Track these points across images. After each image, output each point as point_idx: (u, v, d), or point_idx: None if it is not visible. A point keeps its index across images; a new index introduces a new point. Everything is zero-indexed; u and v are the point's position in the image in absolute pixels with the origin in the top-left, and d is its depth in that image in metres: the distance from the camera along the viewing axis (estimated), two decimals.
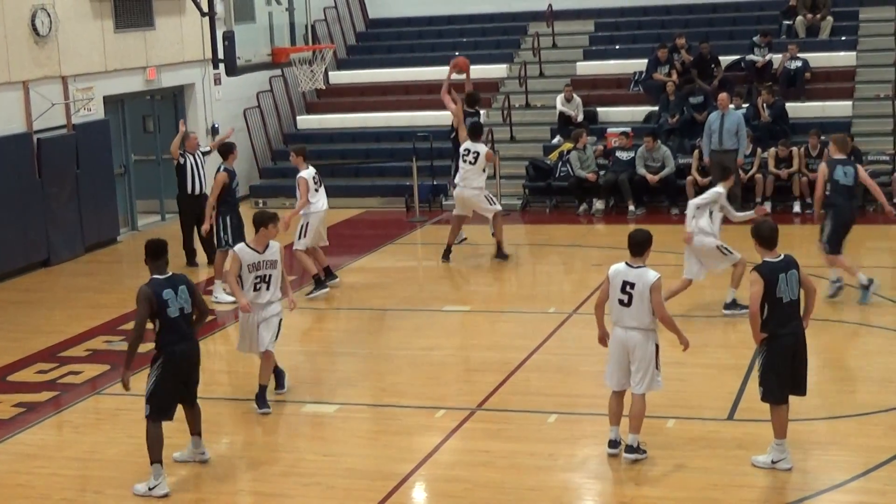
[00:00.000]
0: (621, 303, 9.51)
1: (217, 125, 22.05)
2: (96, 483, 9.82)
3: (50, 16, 18.12)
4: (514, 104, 22.93)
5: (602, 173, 20.33)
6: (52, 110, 18.19)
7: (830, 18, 23.37)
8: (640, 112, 22.58)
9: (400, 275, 16.93)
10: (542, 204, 20.98)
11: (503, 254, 17.08)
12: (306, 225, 15.24)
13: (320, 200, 15.34)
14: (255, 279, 10.88)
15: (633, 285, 9.44)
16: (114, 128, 19.93)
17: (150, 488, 9.30)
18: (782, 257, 9.31)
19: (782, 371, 9.23)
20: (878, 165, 19.65)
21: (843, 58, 22.77)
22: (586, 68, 24.03)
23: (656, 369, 9.58)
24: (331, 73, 24.57)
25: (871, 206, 18.87)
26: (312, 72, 18.72)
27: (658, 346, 9.59)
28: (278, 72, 23.22)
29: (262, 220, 11.00)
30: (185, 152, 17.28)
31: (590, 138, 20.95)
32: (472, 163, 16.75)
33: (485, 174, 16.97)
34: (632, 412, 9.63)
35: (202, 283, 16.24)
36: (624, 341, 9.58)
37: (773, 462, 9.30)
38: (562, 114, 22.19)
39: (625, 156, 20.28)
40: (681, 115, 21.45)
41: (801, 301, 9.36)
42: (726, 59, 22.68)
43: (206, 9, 17.61)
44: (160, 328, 9.35)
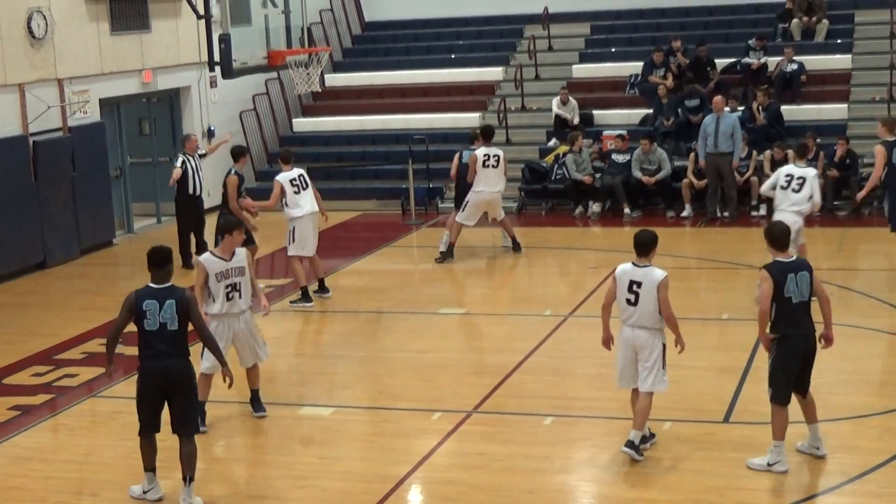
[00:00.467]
0: (628, 302, 9.63)
1: (213, 128, 22.05)
2: (92, 486, 9.80)
3: (46, 18, 18.11)
4: (510, 107, 22.94)
5: (598, 176, 20.33)
6: (48, 113, 18.18)
7: (826, 21, 23.37)
8: (635, 115, 22.59)
9: (396, 277, 16.92)
10: (538, 207, 20.98)
11: (518, 246, 17.39)
12: (293, 230, 15.00)
13: (303, 204, 14.91)
14: (227, 288, 10.58)
15: (639, 284, 9.56)
16: (110, 130, 19.90)
17: (145, 492, 9.30)
18: (794, 258, 9.37)
19: (791, 373, 9.26)
20: (872, 169, 19.57)
21: (839, 60, 22.79)
22: (582, 71, 24.04)
23: (662, 369, 9.70)
24: (327, 75, 24.56)
25: (866, 208, 18.93)
26: (308, 74, 18.72)
27: (665, 346, 9.71)
28: (274, 74, 23.22)
29: (226, 228, 10.77)
30: (185, 154, 17.30)
31: (585, 141, 20.96)
32: (495, 166, 16.84)
33: (504, 179, 17.18)
34: (637, 408, 9.75)
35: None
36: (631, 340, 9.72)
37: (770, 465, 9.30)
38: (558, 116, 22.20)
39: (621, 158, 20.26)
40: (676, 117, 21.46)
41: (816, 306, 9.41)
42: (722, 62, 22.71)
43: (202, 11, 17.65)
44: (138, 339, 9.09)
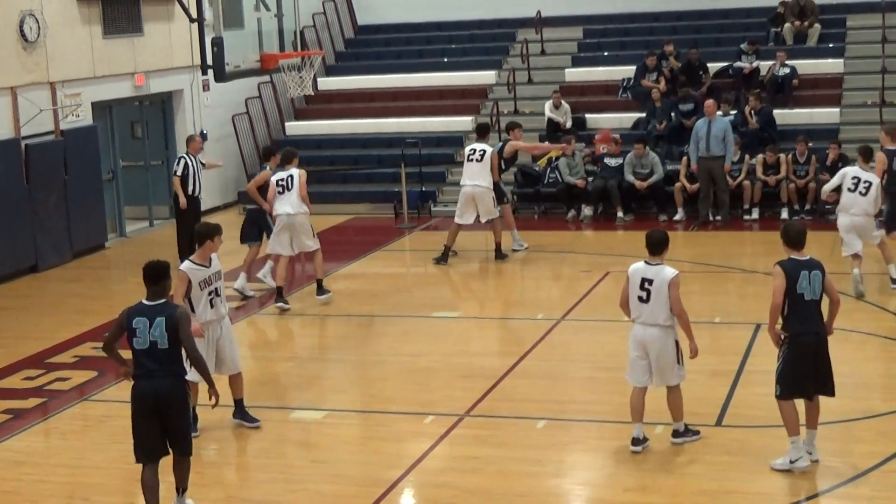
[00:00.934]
0: (640, 299, 9.73)
1: (206, 132, 22.02)
2: (84, 489, 9.78)
3: (38, 21, 18.09)
4: (502, 110, 22.93)
5: (591, 180, 20.34)
6: (41, 116, 18.16)
7: (818, 25, 23.42)
8: (628, 118, 22.60)
9: (388, 281, 16.91)
10: (531, 210, 20.98)
11: (501, 253, 17.27)
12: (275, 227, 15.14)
13: (279, 206, 14.95)
14: (209, 294, 10.41)
15: (651, 282, 9.67)
16: (102, 134, 19.88)
17: None
18: (808, 258, 9.41)
19: (801, 370, 9.26)
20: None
21: (831, 65, 22.84)
22: (575, 75, 24.06)
23: (678, 364, 9.82)
24: (319, 79, 24.55)
25: None
26: (301, 78, 18.73)
27: (678, 342, 9.80)
28: (267, 78, 23.18)
29: (208, 233, 10.50)
30: (188, 154, 17.43)
31: (578, 144, 20.97)
32: (479, 160, 16.86)
33: (490, 175, 16.95)
34: (669, 405, 9.95)
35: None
36: (642, 338, 9.80)
37: (792, 462, 9.32)
38: (550, 120, 22.21)
39: (613, 162, 20.27)
40: (669, 121, 21.49)
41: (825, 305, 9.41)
42: (714, 66, 22.73)
43: (194, 15, 17.61)
44: (131, 356, 8.72)
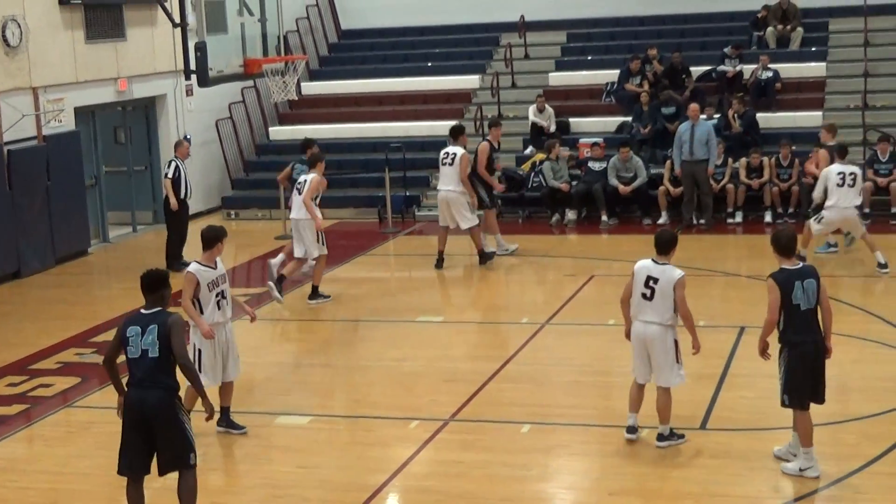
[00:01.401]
0: (644, 296, 9.82)
1: (189, 136, 21.97)
2: (67, 496, 9.74)
3: (20, 26, 18.02)
4: (486, 115, 22.92)
5: (574, 184, 20.35)
6: (23, 121, 18.08)
7: (801, 29, 23.49)
8: (612, 122, 22.63)
9: (373, 286, 16.91)
10: (515, 214, 20.98)
11: (483, 259, 17.17)
12: None
13: (293, 209, 16.07)
14: (216, 297, 10.50)
15: (656, 280, 9.76)
16: (85, 139, 19.81)
17: None
18: (801, 266, 9.42)
19: (802, 379, 9.28)
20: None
21: (814, 68, 22.90)
22: (559, 79, 24.08)
23: (677, 363, 9.88)
24: (303, 83, 24.52)
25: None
26: (285, 83, 18.69)
27: (677, 342, 9.85)
28: (250, 83, 23.16)
29: (216, 236, 10.59)
30: (176, 158, 17.59)
31: (562, 148, 20.97)
32: (450, 164, 16.85)
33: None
34: (657, 405, 9.97)
35: None
36: (642, 335, 9.88)
37: (801, 470, 9.34)
38: (534, 124, 22.22)
39: (597, 166, 20.29)
40: (653, 125, 21.52)
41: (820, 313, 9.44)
42: (698, 70, 22.77)
43: (178, 20, 17.59)
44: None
